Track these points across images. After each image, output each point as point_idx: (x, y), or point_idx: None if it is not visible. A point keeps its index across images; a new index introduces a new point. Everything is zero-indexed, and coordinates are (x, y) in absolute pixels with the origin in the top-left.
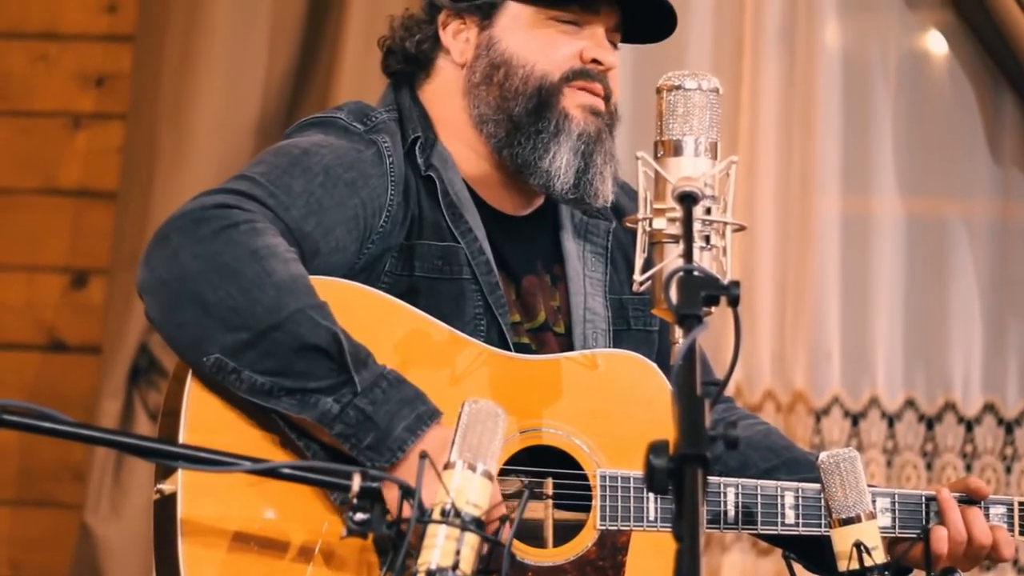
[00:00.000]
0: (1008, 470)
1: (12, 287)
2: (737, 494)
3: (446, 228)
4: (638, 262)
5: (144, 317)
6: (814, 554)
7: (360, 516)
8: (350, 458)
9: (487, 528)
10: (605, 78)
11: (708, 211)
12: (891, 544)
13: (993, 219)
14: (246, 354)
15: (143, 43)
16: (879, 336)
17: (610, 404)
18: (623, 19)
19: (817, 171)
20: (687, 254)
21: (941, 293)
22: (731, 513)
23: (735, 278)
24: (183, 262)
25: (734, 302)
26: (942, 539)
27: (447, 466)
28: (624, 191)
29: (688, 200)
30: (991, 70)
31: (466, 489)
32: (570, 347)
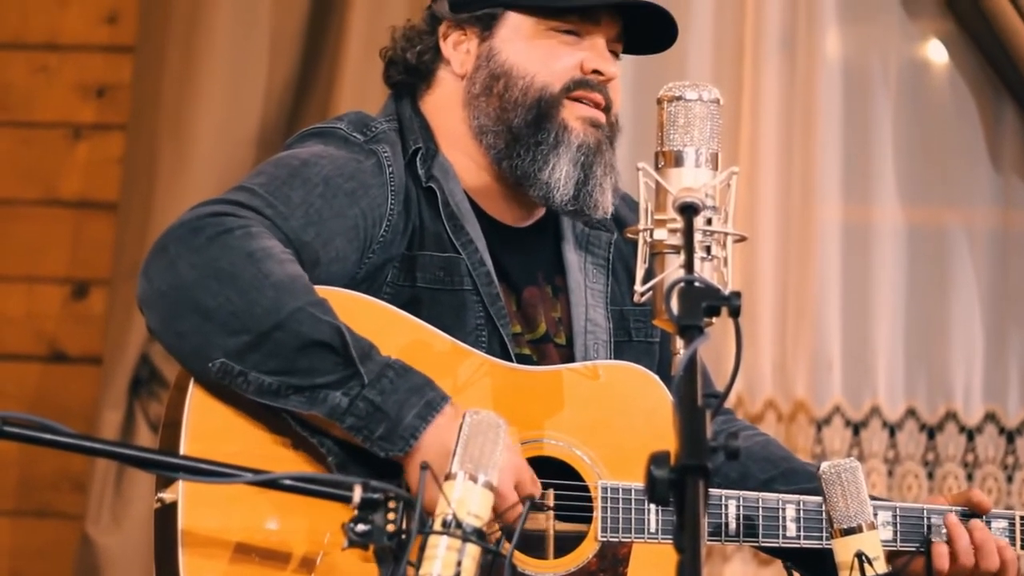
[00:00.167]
0: (1009, 479)
1: (13, 298)
2: (738, 506)
3: (447, 239)
4: (639, 273)
5: (145, 328)
6: (815, 565)
7: (362, 527)
8: (364, 450)
9: (488, 538)
10: (606, 89)
11: (709, 222)
12: (891, 557)
13: (994, 228)
14: (250, 356)
15: (143, 54)
16: (880, 345)
17: (611, 415)
18: (624, 30)
19: (818, 180)
20: (688, 265)
21: (942, 302)
22: (732, 525)
23: (736, 289)
24: (180, 272)
25: (735, 313)
26: (943, 555)
27: (448, 477)
28: (625, 202)
29: (689, 211)
30: (991, 79)
31: (467, 500)
32: (571, 358)
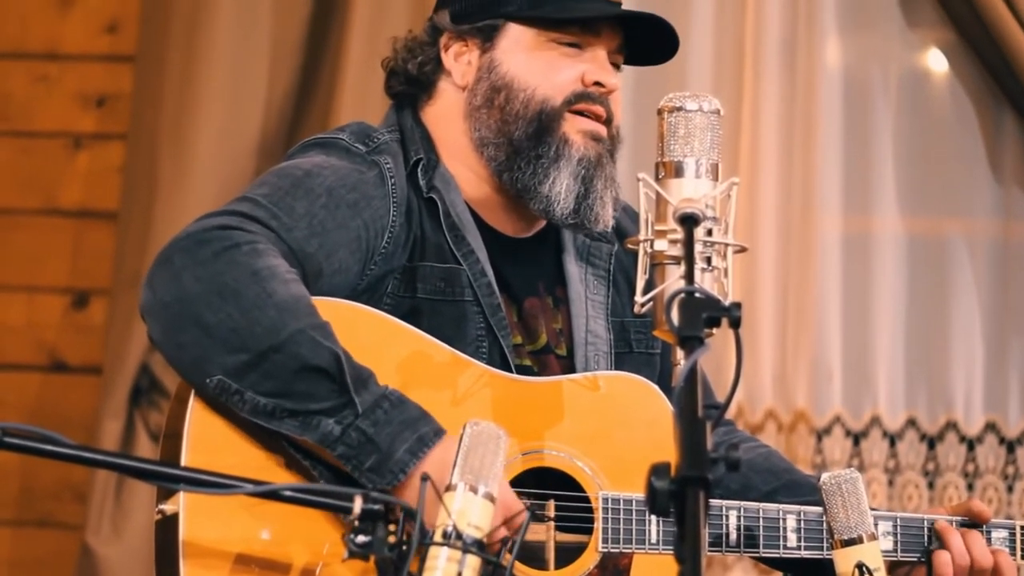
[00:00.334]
0: (1010, 489)
1: (13, 308)
2: (739, 517)
3: (448, 250)
4: (639, 284)
5: (145, 337)
6: None
7: (362, 538)
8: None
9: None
10: (607, 101)
11: (709, 232)
12: (892, 568)
13: (994, 238)
14: (248, 375)
15: (144, 63)
16: (880, 355)
17: (612, 426)
18: (625, 41)
19: (818, 190)
20: (688, 275)
21: (942, 312)
22: (733, 535)
23: (736, 299)
24: (184, 284)
25: (735, 324)
26: (946, 563)
27: (449, 488)
28: (627, 213)
29: (689, 222)
30: (992, 89)
31: (468, 511)
32: (572, 369)
